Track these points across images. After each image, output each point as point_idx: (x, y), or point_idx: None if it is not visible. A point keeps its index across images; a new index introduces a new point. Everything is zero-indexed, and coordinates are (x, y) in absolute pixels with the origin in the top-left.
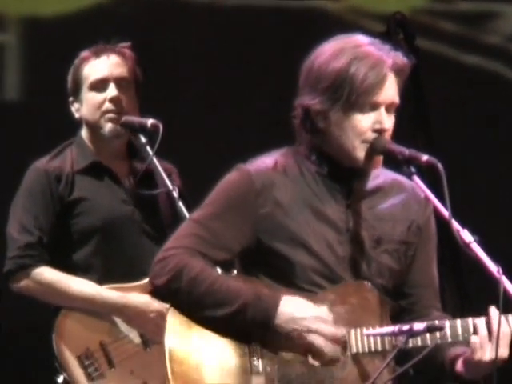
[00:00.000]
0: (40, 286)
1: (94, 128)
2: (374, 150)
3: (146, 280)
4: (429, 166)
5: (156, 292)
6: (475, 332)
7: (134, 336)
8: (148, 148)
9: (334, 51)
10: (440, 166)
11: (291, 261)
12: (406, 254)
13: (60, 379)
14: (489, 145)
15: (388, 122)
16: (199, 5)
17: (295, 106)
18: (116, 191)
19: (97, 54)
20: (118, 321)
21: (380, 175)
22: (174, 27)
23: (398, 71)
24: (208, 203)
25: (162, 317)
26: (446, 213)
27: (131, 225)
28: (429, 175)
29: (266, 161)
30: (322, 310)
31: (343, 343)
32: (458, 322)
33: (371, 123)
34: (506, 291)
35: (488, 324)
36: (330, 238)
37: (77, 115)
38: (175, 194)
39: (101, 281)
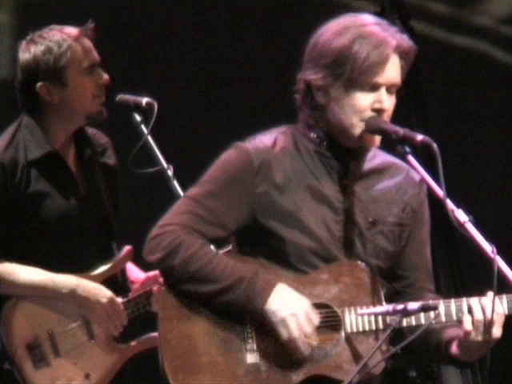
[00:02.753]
0: None
1: (79, 113)
2: (368, 128)
3: (99, 271)
4: (423, 145)
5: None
6: (469, 312)
7: (81, 327)
8: (143, 126)
9: (338, 28)
10: (434, 145)
11: (286, 240)
12: (400, 235)
13: (6, 365)
14: (480, 124)
15: (388, 102)
16: None
17: (297, 80)
18: (69, 183)
19: (80, 37)
20: (67, 311)
21: (376, 157)
22: (162, 6)
23: (402, 54)
24: (205, 180)
25: (113, 304)
26: (440, 192)
27: (82, 218)
28: (423, 155)
29: (265, 139)
30: (308, 306)
31: (346, 305)
32: (453, 301)
33: (371, 102)
34: (500, 271)
35: (482, 304)
36: (327, 217)
37: (50, 99)
38: (170, 172)
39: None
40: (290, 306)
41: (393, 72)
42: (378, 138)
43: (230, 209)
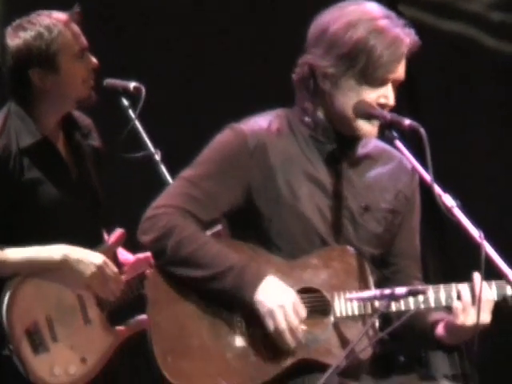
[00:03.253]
0: None
1: (70, 98)
2: (355, 113)
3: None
4: (411, 130)
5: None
6: (459, 297)
7: (77, 312)
8: (130, 111)
9: (351, 20)
10: (422, 130)
11: (278, 223)
12: (392, 222)
13: (5, 352)
14: (469, 110)
15: (393, 98)
16: None
17: (301, 63)
18: (61, 169)
19: (72, 21)
20: (63, 297)
21: (369, 143)
22: None
23: (409, 50)
24: (200, 162)
25: (107, 264)
26: (428, 177)
27: (75, 203)
28: (411, 140)
29: (260, 121)
30: (296, 299)
31: (335, 289)
32: (441, 287)
33: (377, 97)
34: (487, 256)
35: (472, 289)
36: (320, 201)
37: (42, 85)
38: (157, 157)
39: None
40: (277, 298)
41: (402, 68)
42: (375, 129)
43: (225, 190)
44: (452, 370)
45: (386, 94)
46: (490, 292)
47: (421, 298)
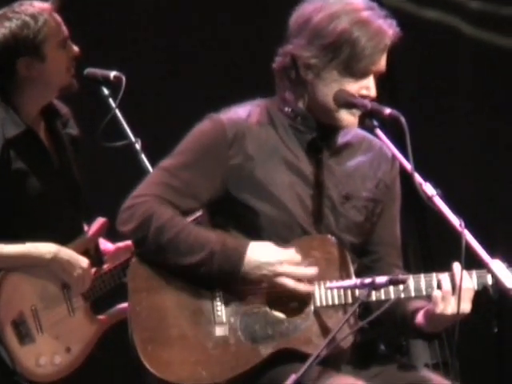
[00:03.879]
0: None
1: (53, 86)
2: (336, 103)
3: (74, 244)
4: (391, 119)
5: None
6: (439, 287)
7: (62, 303)
8: (111, 100)
9: (334, 10)
10: (403, 119)
11: (259, 213)
12: (373, 211)
13: None
14: (448, 98)
15: (374, 89)
16: None
17: (283, 53)
18: (45, 159)
19: (54, 10)
20: (48, 288)
21: (349, 132)
22: None
23: (392, 41)
24: (179, 152)
25: (90, 269)
26: (408, 166)
27: (58, 192)
28: (392, 129)
29: (239, 111)
30: (290, 252)
31: (315, 279)
32: (422, 276)
33: (359, 88)
34: (468, 244)
35: (452, 279)
36: (301, 190)
37: (28, 74)
38: (138, 146)
39: None
40: (266, 262)
41: (384, 60)
42: (357, 119)
43: (203, 180)
44: (433, 359)
45: (368, 86)
46: (469, 281)
47: (401, 287)
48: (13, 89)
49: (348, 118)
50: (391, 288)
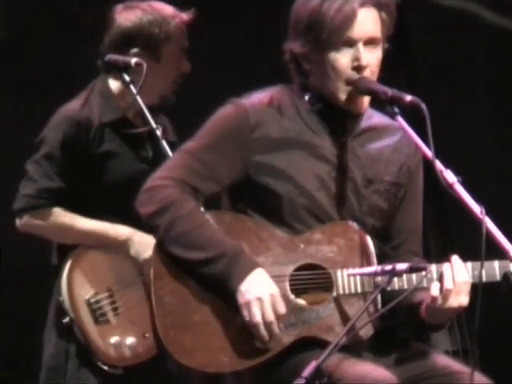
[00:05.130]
0: (51, 225)
1: (156, 91)
2: (356, 90)
3: None
4: (412, 106)
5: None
6: (440, 279)
7: (139, 288)
8: (132, 86)
9: None
10: (423, 106)
11: (280, 197)
12: (396, 195)
13: (66, 320)
14: (468, 85)
15: (367, 57)
16: None
17: (284, 51)
18: (139, 147)
19: (186, 21)
20: (125, 272)
21: (373, 117)
22: None
23: (379, 5)
24: (202, 135)
25: None
26: (429, 153)
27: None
28: (413, 116)
29: (261, 97)
30: (276, 294)
31: (338, 266)
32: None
33: (349, 61)
34: (488, 232)
35: (451, 272)
36: (324, 173)
37: (137, 68)
38: (158, 132)
39: None
40: (257, 290)
41: (367, 25)
42: (366, 100)
43: (225, 163)
44: (453, 346)
45: (357, 56)
46: (466, 274)
47: (423, 274)
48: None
49: (354, 97)
50: (414, 275)
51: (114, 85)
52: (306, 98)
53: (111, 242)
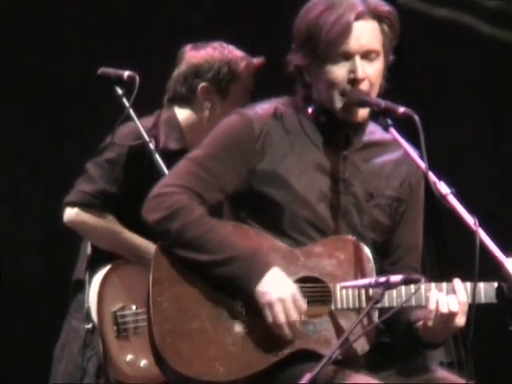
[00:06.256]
0: (100, 225)
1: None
2: (349, 102)
3: None
4: (405, 117)
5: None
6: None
7: None
8: (124, 100)
9: (312, 5)
10: (416, 117)
11: (282, 207)
12: (396, 210)
13: (89, 326)
14: (463, 97)
15: (365, 70)
16: None
17: (287, 63)
18: None
19: (256, 66)
20: None
21: (376, 132)
22: None
23: (379, 18)
24: (207, 144)
25: None
26: (422, 165)
27: None
28: (406, 127)
29: (265, 107)
30: (300, 299)
31: (337, 280)
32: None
33: (345, 73)
34: (482, 243)
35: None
36: (325, 186)
37: (203, 102)
38: (151, 146)
39: None
40: (278, 291)
41: (364, 38)
42: (362, 111)
43: (230, 173)
44: (447, 358)
45: (352, 69)
46: (464, 295)
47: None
48: (190, 109)
49: (351, 109)
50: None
51: (181, 115)
52: (309, 110)
53: (142, 260)
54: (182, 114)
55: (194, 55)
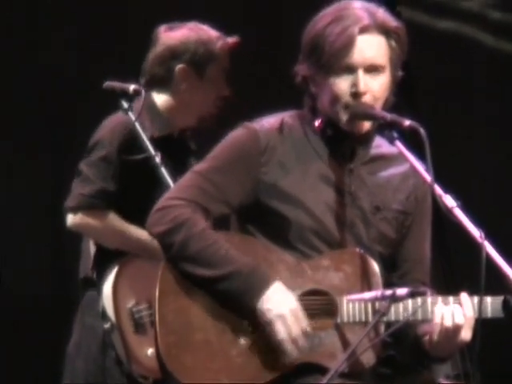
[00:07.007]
0: (104, 226)
1: (194, 110)
2: (354, 115)
3: None
4: (411, 130)
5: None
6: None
7: None
8: (130, 113)
9: (320, 15)
10: (422, 130)
11: (289, 220)
12: (403, 223)
13: (107, 325)
14: (468, 109)
15: (368, 83)
16: None
17: (294, 73)
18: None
19: (231, 45)
20: None
21: (383, 146)
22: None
23: (385, 32)
24: (212, 157)
25: None
26: (428, 178)
27: None
28: (412, 140)
29: (272, 121)
30: (300, 314)
31: (343, 293)
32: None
33: (348, 86)
34: (488, 256)
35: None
36: (332, 199)
37: (181, 83)
38: (157, 159)
39: None
40: (278, 308)
41: (368, 51)
42: (367, 124)
43: (235, 186)
44: (454, 370)
45: (355, 82)
46: (471, 309)
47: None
48: (170, 92)
49: (354, 121)
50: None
51: (159, 100)
52: (316, 123)
53: (158, 253)
54: (161, 98)
55: (169, 36)
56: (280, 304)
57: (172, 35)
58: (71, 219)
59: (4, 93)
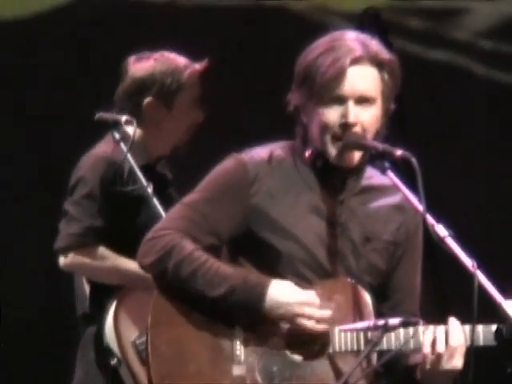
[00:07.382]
0: (97, 263)
1: (167, 140)
2: (346, 145)
3: None
4: (403, 160)
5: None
6: (433, 342)
7: None
8: (122, 145)
9: (313, 46)
10: (414, 160)
11: (279, 251)
12: (394, 254)
13: (113, 362)
14: (460, 139)
15: (358, 115)
16: (159, 5)
17: (286, 102)
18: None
19: (200, 72)
20: None
21: (374, 177)
22: (133, 29)
23: (378, 64)
24: (201, 188)
25: None
26: (420, 207)
27: None
28: (404, 170)
29: (261, 152)
30: (310, 294)
31: (330, 321)
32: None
33: (337, 117)
34: (480, 285)
35: (446, 334)
36: (322, 231)
37: (150, 114)
38: (150, 190)
39: None
40: (286, 300)
41: (359, 83)
42: (356, 154)
43: (225, 217)
44: None
45: (344, 113)
46: (461, 337)
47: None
48: (141, 124)
49: (344, 153)
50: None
51: (132, 131)
52: (307, 154)
53: (140, 284)
54: (142, 130)
55: (136, 68)
56: (286, 296)
57: (139, 67)
58: (63, 260)
59: None
